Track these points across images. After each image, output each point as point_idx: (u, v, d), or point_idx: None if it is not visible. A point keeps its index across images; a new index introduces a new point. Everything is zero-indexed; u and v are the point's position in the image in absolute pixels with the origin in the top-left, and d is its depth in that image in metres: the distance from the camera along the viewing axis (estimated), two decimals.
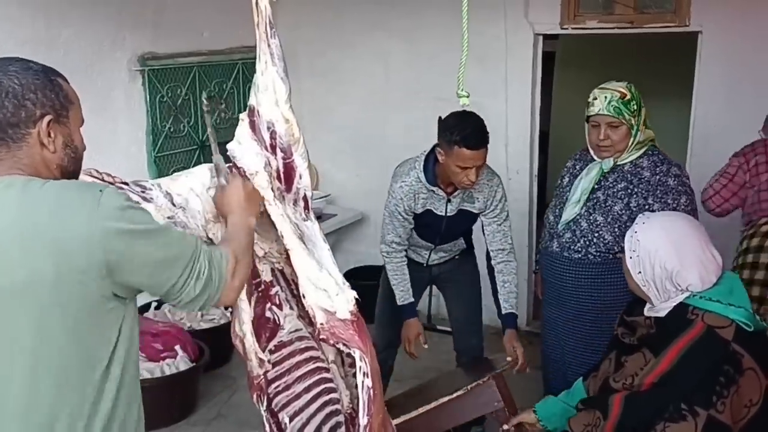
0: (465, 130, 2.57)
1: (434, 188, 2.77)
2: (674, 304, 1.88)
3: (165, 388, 3.43)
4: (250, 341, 1.84)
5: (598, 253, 2.59)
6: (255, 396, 1.90)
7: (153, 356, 3.52)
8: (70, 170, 1.39)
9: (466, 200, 2.81)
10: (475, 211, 2.88)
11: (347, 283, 1.73)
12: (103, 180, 1.59)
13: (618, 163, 2.57)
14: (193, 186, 1.68)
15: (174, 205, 1.65)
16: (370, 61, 4.63)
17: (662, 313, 1.91)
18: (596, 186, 2.59)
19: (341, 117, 4.74)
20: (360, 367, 1.68)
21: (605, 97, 2.51)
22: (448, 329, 4.51)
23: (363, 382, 1.67)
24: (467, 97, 1.46)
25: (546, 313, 2.87)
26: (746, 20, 3.60)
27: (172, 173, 2.24)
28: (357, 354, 1.68)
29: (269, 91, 1.64)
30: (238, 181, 1.64)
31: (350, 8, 4.55)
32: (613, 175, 2.59)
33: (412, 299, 2.98)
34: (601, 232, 2.58)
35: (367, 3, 4.49)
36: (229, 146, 1.67)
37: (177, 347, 3.54)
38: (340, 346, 1.72)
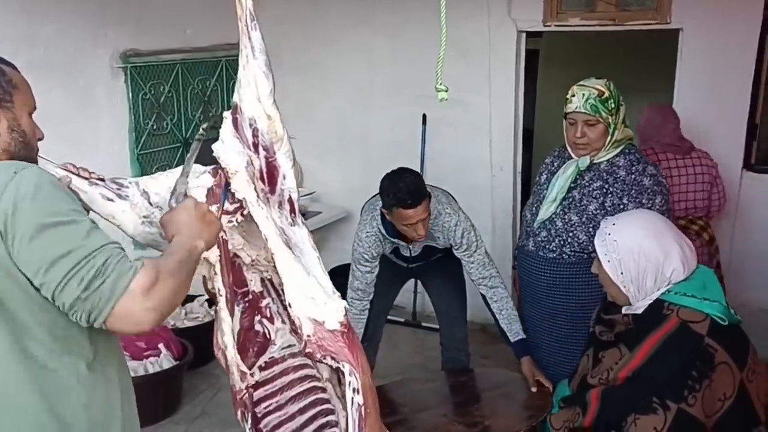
0: (398, 192, 2.56)
1: (395, 239, 2.80)
2: (650, 301, 1.90)
3: (148, 387, 3.41)
4: (232, 354, 1.74)
5: (573, 253, 2.56)
6: (239, 413, 1.80)
7: (136, 354, 3.50)
8: (21, 155, 1.39)
9: (428, 239, 2.80)
10: (441, 247, 2.89)
11: (337, 293, 1.62)
12: (78, 175, 1.55)
13: (595, 161, 2.54)
14: (172, 186, 1.61)
15: (151, 204, 1.60)
16: (354, 58, 4.62)
17: (639, 311, 1.92)
18: (572, 185, 2.56)
19: (325, 113, 4.73)
20: (350, 383, 1.58)
21: (583, 95, 2.49)
22: (434, 326, 4.53)
23: (353, 398, 1.57)
24: (446, 91, 1.45)
25: (524, 311, 2.85)
26: (726, 18, 3.64)
27: (155, 171, 2.20)
28: (347, 368, 1.58)
29: (251, 87, 1.57)
30: (191, 202, 1.51)
31: (334, 4, 4.53)
32: (589, 173, 2.55)
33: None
34: (575, 232, 2.54)
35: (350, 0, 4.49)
36: (214, 146, 1.59)
37: (160, 345, 3.52)
38: (328, 360, 1.60)
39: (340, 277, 4.63)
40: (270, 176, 1.66)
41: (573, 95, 2.52)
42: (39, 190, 1.24)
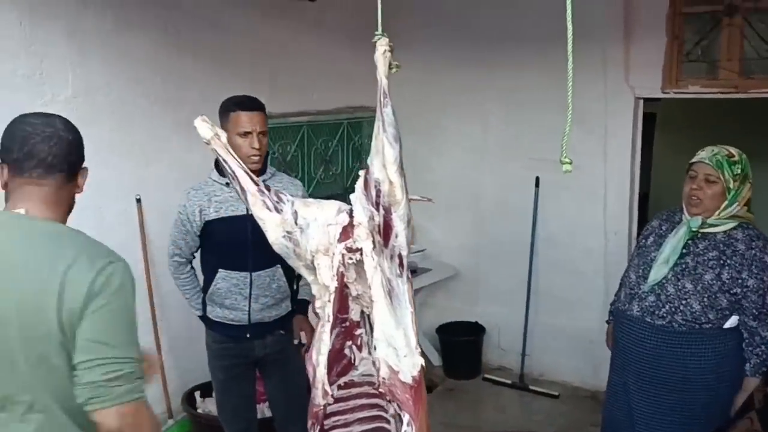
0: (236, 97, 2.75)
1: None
2: None
3: None
4: (322, 372, 1.90)
5: (684, 322, 2.47)
6: (310, 423, 1.97)
7: None
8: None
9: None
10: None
11: (419, 349, 1.79)
12: (252, 180, 1.88)
13: (708, 229, 2.49)
14: (318, 217, 1.85)
15: (296, 223, 1.85)
16: (469, 121, 4.76)
17: None
18: (685, 251, 2.51)
19: (438, 174, 4.85)
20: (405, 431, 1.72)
21: (712, 150, 2.50)
22: (542, 390, 4.47)
23: None
24: (570, 163, 1.52)
25: (616, 378, 2.75)
26: None
27: None
28: (406, 418, 1.72)
29: (379, 155, 1.79)
30: None
31: (450, 70, 4.71)
32: (704, 242, 2.50)
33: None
34: (689, 300, 2.47)
35: (467, 65, 4.65)
36: (351, 196, 1.85)
37: None
38: (394, 406, 1.77)
39: (444, 334, 4.71)
40: (385, 233, 1.88)
41: (702, 150, 2.53)
42: (124, 286, 1.57)
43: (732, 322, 2.47)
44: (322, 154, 4.50)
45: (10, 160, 1.64)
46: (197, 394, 3.62)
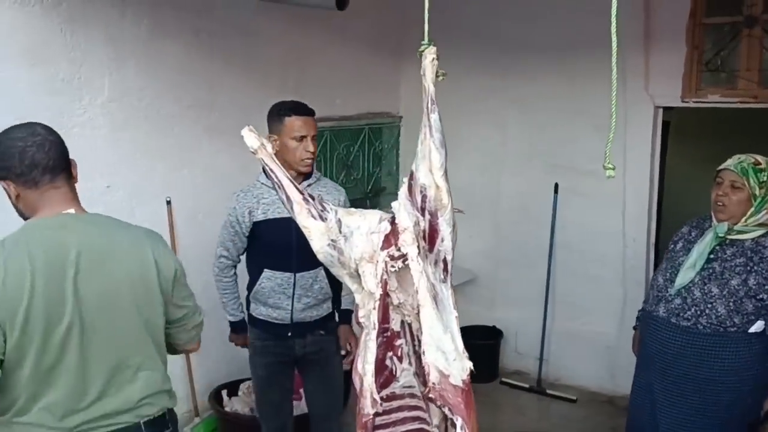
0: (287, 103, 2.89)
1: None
2: None
3: None
4: (370, 381, 1.90)
5: (709, 325, 2.53)
6: None
7: None
8: None
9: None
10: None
11: (466, 353, 1.80)
12: (297, 189, 1.93)
13: (736, 236, 2.55)
14: (361, 225, 1.87)
15: (340, 232, 1.87)
16: (487, 127, 4.82)
17: None
18: (712, 256, 2.57)
19: (456, 180, 4.81)
20: None
21: (738, 157, 2.56)
22: (560, 394, 4.52)
23: None
24: (613, 169, 1.59)
25: (641, 379, 2.81)
26: None
27: None
28: (459, 422, 1.73)
29: (426, 159, 1.83)
30: None
31: (468, 76, 4.76)
32: (731, 248, 2.56)
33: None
34: (714, 304, 2.53)
35: (485, 72, 4.72)
36: (393, 204, 1.86)
37: None
38: (446, 411, 1.76)
39: (462, 337, 4.74)
40: (431, 237, 1.89)
41: (729, 158, 2.59)
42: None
43: (758, 326, 2.52)
44: (344, 159, 4.57)
45: (14, 176, 1.75)
46: (224, 392, 3.68)
